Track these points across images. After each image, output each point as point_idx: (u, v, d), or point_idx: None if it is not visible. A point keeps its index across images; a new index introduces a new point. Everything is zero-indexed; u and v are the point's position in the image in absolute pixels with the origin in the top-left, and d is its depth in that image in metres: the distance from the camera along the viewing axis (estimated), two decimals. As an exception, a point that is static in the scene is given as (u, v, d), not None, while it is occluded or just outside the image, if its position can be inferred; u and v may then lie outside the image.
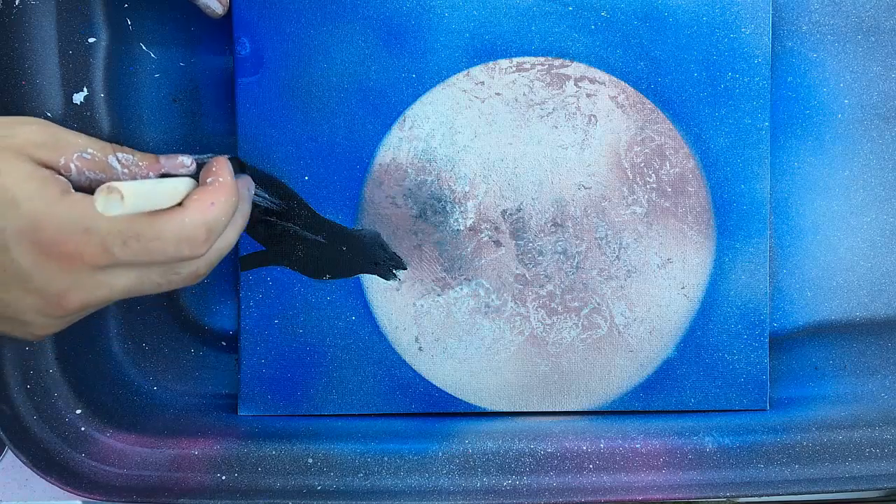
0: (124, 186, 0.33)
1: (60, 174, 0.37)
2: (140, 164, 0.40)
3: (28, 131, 0.37)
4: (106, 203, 0.32)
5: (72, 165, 0.37)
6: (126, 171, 0.39)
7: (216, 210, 0.38)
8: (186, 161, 0.41)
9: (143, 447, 0.47)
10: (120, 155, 0.39)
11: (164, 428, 0.48)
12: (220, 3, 0.45)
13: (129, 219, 0.36)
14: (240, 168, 0.46)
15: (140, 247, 0.36)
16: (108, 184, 0.33)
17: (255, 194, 0.45)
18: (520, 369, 0.48)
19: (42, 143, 0.37)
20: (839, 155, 0.48)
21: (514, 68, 0.46)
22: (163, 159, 0.41)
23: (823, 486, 0.44)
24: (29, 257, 0.35)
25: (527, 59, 0.46)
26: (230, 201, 0.39)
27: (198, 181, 0.40)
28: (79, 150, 0.38)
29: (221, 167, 0.40)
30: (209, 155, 0.42)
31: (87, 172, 0.38)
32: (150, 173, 0.40)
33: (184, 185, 0.39)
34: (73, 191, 0.36)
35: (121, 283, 0.37)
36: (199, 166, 0.41)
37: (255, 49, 0.46)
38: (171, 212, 0.37)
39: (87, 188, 0.38)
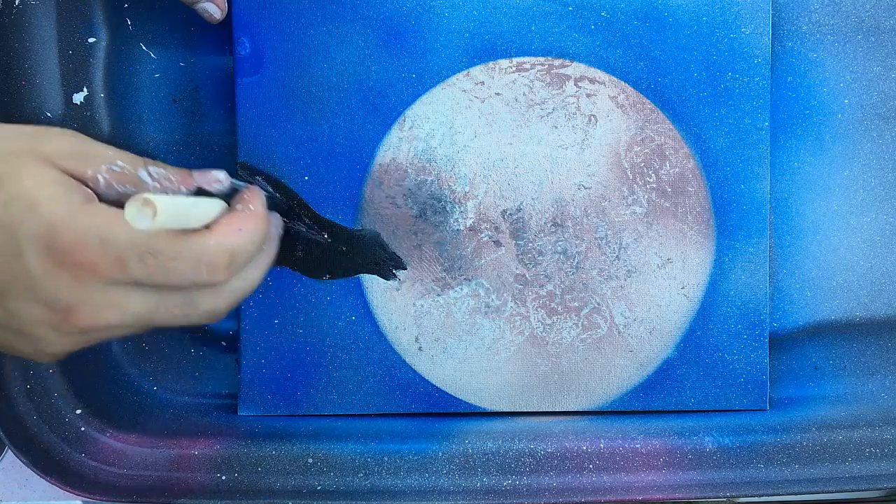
0: (159, 200, 0.31)
1: (88, 186, 0.36)
2: (171, 178, 0.38)
3: (57, 141, 0.36)
4: (137, 215, 0.31)
5: (100, 177, 0.36)
6: (157, 184, 0.38)
7: (243, 237, 0.37)
8: (220, 176, 0.39)
9: (143, 447, 0.47)
10: (151, 169, 0.38)
11: (164, 428, 0.48)
12: (219, 7, 0.44)
13: (149, 235, 0.34)
14: (272, 207, 0.44)
15: (157, 264, 0.35)
16: (143, 195, 0.31)
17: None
18: (520, 369, 0.48)
19: (70, 152, 0.36)
20: (839, 155, 0.48)
21: (514, 68, 0.46)
22: (196, 174, 0.39)
23: (823, 486, 0.44)
24: (41, 264, 0.34)
25: (527, 59, 0.46)
26: (259, 230, 0.38)
27: (229, 206, 0.39)
28: (108, 161, 0.37)
29: (254, 197, 0.39)
30: (244, 183, 0.41)
31: (115, 185, 0.37)
32: (182, 188, 0.39)
33: (214, 208, 0.38)
34: (95, 201, 0.35)
35: (134, 307, 0.36)
36: (234, 190, 0.40)
37: (255, 49, 0.46)
38: (195, 232, 0.36)
39: (115, 202, 0.37)
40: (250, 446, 0.46)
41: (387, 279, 0.47)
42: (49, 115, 0.46)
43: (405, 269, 0.47)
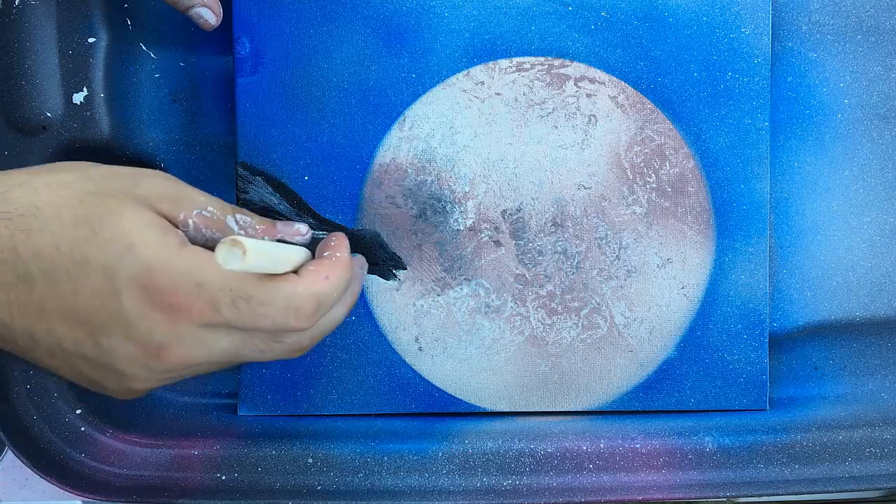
0: (248, 242, 0.32)
1: (178, 228, 0.37)
2: (257, 227, 0.40)
3: (152, 184, 0.37)
4: (228, 255, 0.32)
5: (190, 221, 0.37)
6: (243, 232, 0.39)
7: (329, 284, 0.38)
8: (303, 229, 0.41)
9: (143, 447, 0.47)
10: (238, 216, 0.39)
11: (164, 428, 0.48)
12: (214, 13, 0.44)
13: (241, 280, 0.35)
14: (353, 247, 0.46)
15: (248, 309, 0.36)
16: (233, 237, 0.32)
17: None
18: (520, 369, 0.48)
19: (164, 195, 0.37)
20: (839, 155, 0.48)
21: (514, 68, 0.46)
22: (279, 225, 0.41)
23: (823, 486, 0.44)
24: (137, 304, 0.35)
25: (527, 59, 0.46)
26: (344, 278, 0.39)
27: (313, 254, 0.40)
28: (199, 207, 0.38)
29: (340, 243, 0.40)
30: (325, 232, 0.42)
31: (204, 230, 0.38)
32: (266, 237, 0.40)
33: (299, 254, 0.39)
34: (189, 244, 0.36)
35: (222, 345, 0.37)
36: (314, 239, 0.41)
37: (255, 49, 0.46)
38: (285, 279, 0.37)
39: (202, 246, 0.38)
40: (250, 446, 0.46)
41: (387, 279, 0.47)
42: (49, 115, 0.46)
43: (405, 269, 0.47)
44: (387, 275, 0.47)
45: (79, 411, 0.47)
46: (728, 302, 0.47)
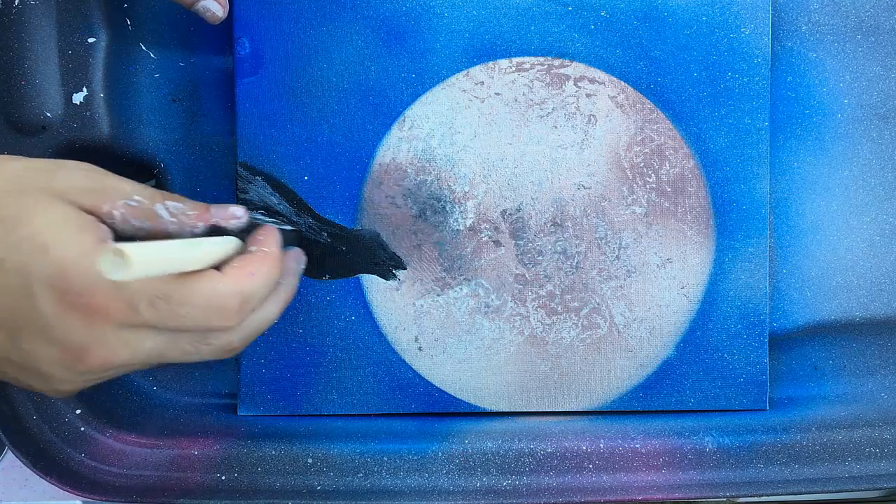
0: (132, 249, 0.30)
1: (104, 221, 0.35)
2: (189, 213, 0.38)
3: (72, 176, 0.36)
4: (111, 266, 0.30)
5: (116, 213, 0.36)
6: (174, 220, 0.37)
7: (255, 281, 0.36)
8: (238, 212, 0.39)
9: (143, 447, 0.47)
10: (169, 203, 0.37)
11: (164, 428, 0.48)
12: (221, 5, 0.43)
13: (161, 279, 0.34)
14: (296, 241, 0.45)
15: (168, 310, 0.34)
16: (114, 245, 0.31)
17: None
18: (519, 369, 0.48)
19: (86, 188, 0.35)
20: (839, 155, 0.48)
21: (514, 68, 0.46)
22: (213, 209, 0.39)
23: (823, 486, 0.44)
24: (53, 307, 0.34)
25: (526, 59, 0.46)
26: (271, 274, 0.37)
27: (244, 241, 0.39)
28: (124, 196, 0.36)
29: (269, 236, 0.39)
30: (262, 213, 0.40)
31: (132, 220, 0.36)
32: (199, 223, 0.38)
33: (223, 247, 0.37)
34: (110, 241, 0.35)
35: (146, 347, 0.35)
36: (252, 225, 0.39)
37: (255, 49, 0.46)
38: (207, 276, 0.35)
39: (132, 236, 0.36)
40: (250, 446, 0.46)
41: (386, 279, 0.47)
42: (49, 115, 0.46)
43: (405, 269, 0.47)
44: (387, 275, 0.47)
45: (79, 411, 0.47)
46: (728, 302, 0.47)
